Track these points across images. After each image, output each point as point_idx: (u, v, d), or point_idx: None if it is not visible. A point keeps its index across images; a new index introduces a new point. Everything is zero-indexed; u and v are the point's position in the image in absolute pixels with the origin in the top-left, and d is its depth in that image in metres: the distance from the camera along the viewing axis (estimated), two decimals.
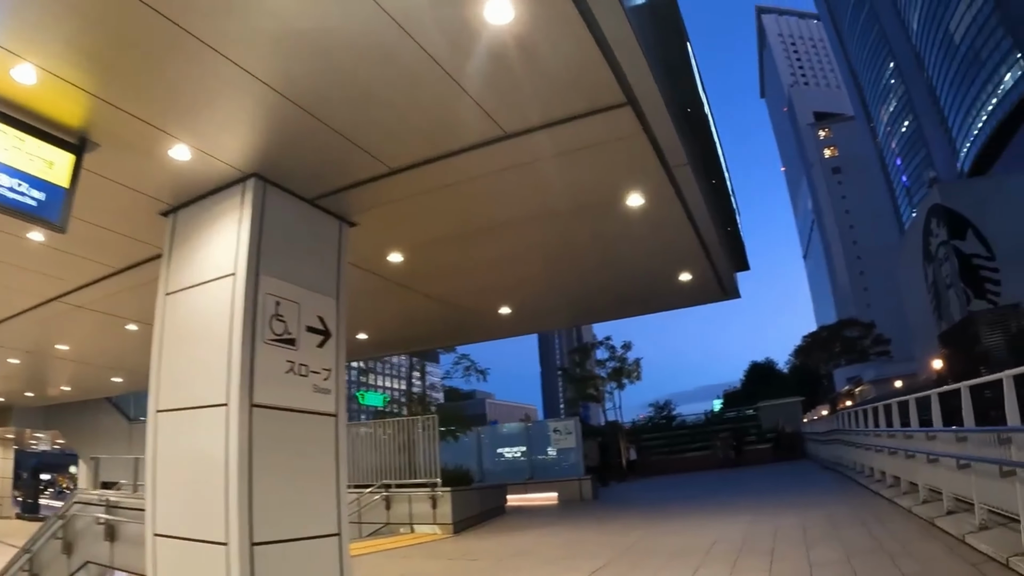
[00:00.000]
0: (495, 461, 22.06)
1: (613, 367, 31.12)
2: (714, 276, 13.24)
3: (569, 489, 19.90)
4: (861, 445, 15.74)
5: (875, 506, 11.35)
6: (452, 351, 21.56)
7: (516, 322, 15.69)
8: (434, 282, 12.32)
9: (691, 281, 13.29)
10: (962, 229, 42.33)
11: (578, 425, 20.92)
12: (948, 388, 9.75)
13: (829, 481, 17.77)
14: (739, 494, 17.47)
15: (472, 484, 16.69)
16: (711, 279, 13.42)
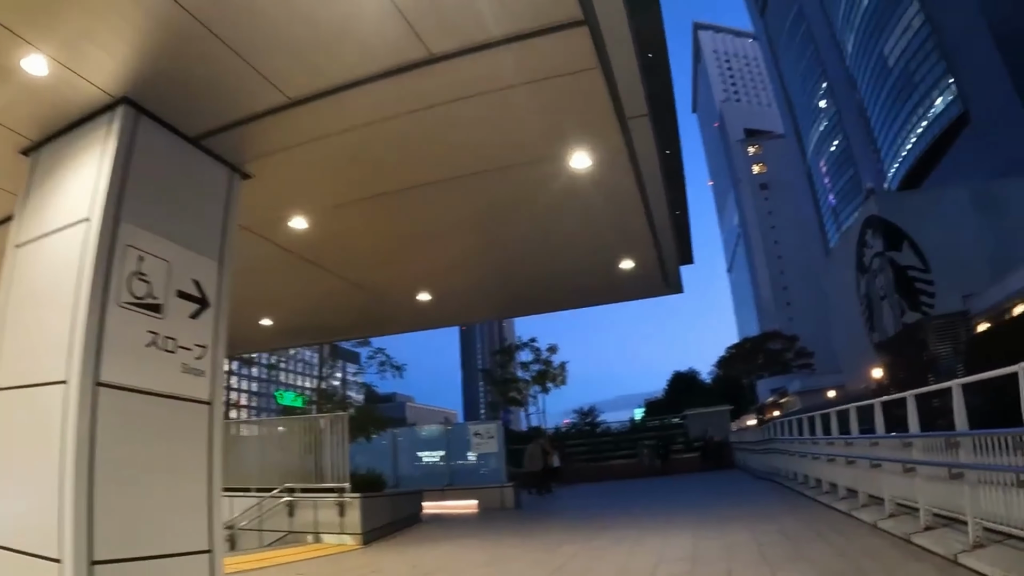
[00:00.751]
0: (412, 466, 20.29)
1: (538, 370, 29.77)
2: (659, 265, 11.50)
3: (490, 497, 18.34)
4: (803, 454, 14.74)
5: (829, 519, 10.25)
6: (367, 345, 19.85)
7: (438, 312, 13.85)
8: (344, 260, 10.61)
9: (633, 270, 11.65)
10: (898, 241, 42.30)
11: (501, 428, 19.31)
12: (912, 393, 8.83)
13: (767, 491, 16.67)
14: (674, 504, 16.13)
15: (385, 490, 15.05)
16: (655, 269, 11.70)
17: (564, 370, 29.68)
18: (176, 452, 5.95)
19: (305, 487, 13.72)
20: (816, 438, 13.19)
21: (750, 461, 25.98)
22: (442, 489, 18.82)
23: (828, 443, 12.12)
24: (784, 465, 17.62)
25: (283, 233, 8.83)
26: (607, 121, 6.84)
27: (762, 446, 22.58)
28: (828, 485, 12.47)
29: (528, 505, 18.84)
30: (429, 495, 18.38)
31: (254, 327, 13.42)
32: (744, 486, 19.95)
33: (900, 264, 41.79)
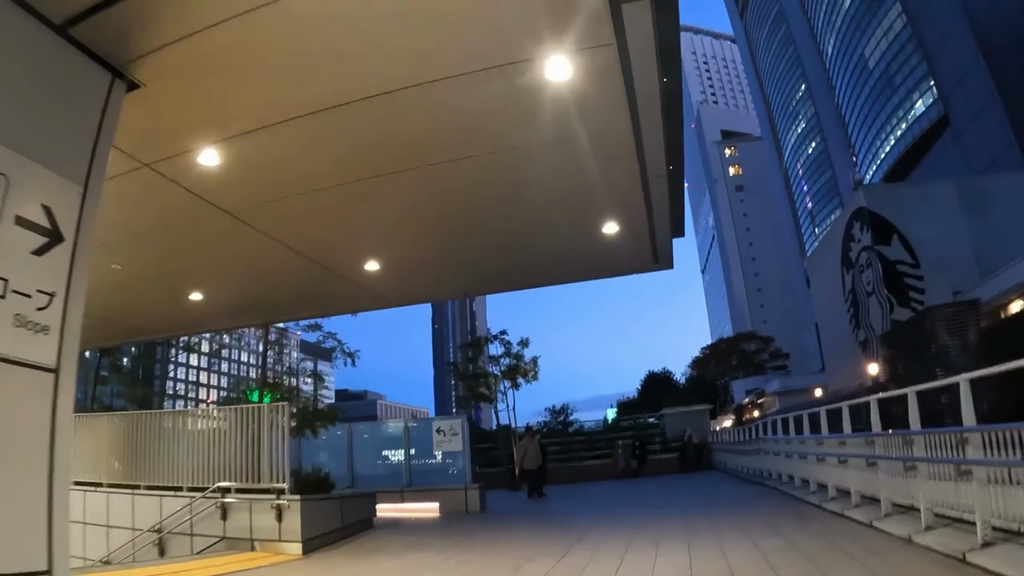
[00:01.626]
0: (370, 464, 18.51)
1: (508, 364, 27.95)
2: (648, 231, 9.67)
3: (453, 499, 16.53)
4: (802, 455, 13.12)
5: (847, 531, 8.68)
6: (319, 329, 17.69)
7: (393, 287, 11.81)
8: (271, 213, 8.60)
9: (619, 237, 9.79)
10: (887, 234, 41.03)
11: (466, 424, 17.38)
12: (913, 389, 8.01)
13: (757, 495, 15.03)
14: (656, 509, 14.46)
15: (333, 491, 13.22)
16: (643, 235, 9.85)
17: (536, 365, 27.70)
18: (2, 436, 4.22)
19: (240, 487, 11.94)
20: (820, 437, 11.59)
21: (732, 463, 24.56)
22: (400, 491, 17.01)
23: (839, 443, 10.50)
24: (774, 467, 16.14)
25: (191, 172, 6.99)
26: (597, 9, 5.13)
27: (746, 447, 21.14)
28: (833, 490, 10.89)
29: (496, 509, 17.11)
30: (386, 497, 16.62)
31: (183, 303, 11.55)
32: (730, 489, 18.44)
33: (889, 258, 40.55)
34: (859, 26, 72.83)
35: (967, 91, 55.14)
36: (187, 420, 13.09)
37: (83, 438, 14.52)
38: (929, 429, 7.38)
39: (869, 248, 42.80)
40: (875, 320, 42.62)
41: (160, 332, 15.32)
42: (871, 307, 43.45)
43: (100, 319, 13.19)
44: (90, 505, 13.72)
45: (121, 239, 8.74)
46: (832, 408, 11.12)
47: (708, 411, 35.84)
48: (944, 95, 58.99)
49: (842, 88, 79.60)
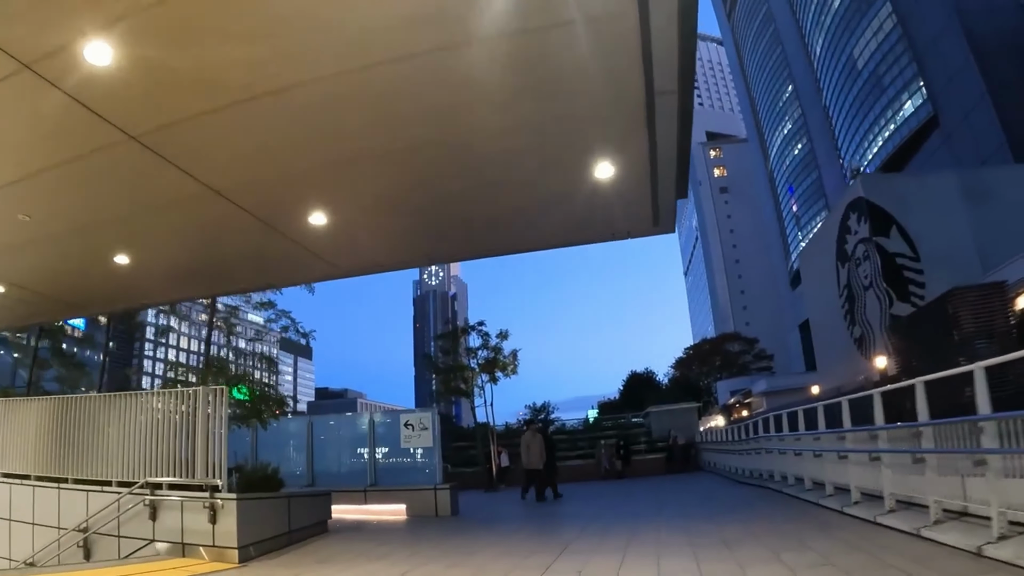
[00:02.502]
0: (332, 461, 16.78)
1: (486, 357, 26.19)
2: (648, 177, 7.74)
3: (422, 501, 14.80)
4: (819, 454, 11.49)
5: (889, 542, 7.16)
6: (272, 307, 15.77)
7: (343, 249, 9.52)
8: (190, 140, 6.64)
9: (613, 182, 7.72)
10: (886, 226, 39.85)
11: (436, 418, 15.60)
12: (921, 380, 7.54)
13: (761, 499, 13.38)
14: (650, 516, 12.80)
15: (282, 489, 11.55)
16: (643, 182, 7.87)
17: (515, 359, 26.06)
18: None
19: (173, 483, 10.32)
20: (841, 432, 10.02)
21: (723, 463, 23.17)
22: (364, 490, 15.35)
23: (870, 436, 8.97)
24: (777, 467, 14.67)
25: (78, 75, 5.36)
26: None
27: (740, 447, 19.67)
28: (859, 493, 9.35)
29: (469, 512, 15.49)
30: (349, 497, 15.02)
31: (110, 267, 9.79)
32: (726, 491, 16.94)
33: (888, 251, 39.37)
34: (848, 26, 72.25)
35: (957, 91, 54.42)
36: (117, 405, 11.36)
37: (11, 425, 12.94)
38: (1003, 413, 5.94)
39: (867, 240, 41.60)
40: (872, 315, 41.44)
41: (96, 307, 13.40)
42: (868, 302, 42.25)
43: (28, 291, 11.55)
44: (16, 500, 12.09)
45: (20, 179, 7.14)
46: (858, 398, 9.64)
47: (696, 409, 34.29)
48: (934, 95, 58.40)
49: (830, 89, 79.07)
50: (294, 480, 15.92)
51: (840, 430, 9.86)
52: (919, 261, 37.53)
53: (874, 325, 40.52)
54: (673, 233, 9.26)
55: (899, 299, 37.62)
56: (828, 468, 10.70)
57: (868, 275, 41.79)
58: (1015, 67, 50.25)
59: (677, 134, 7.05)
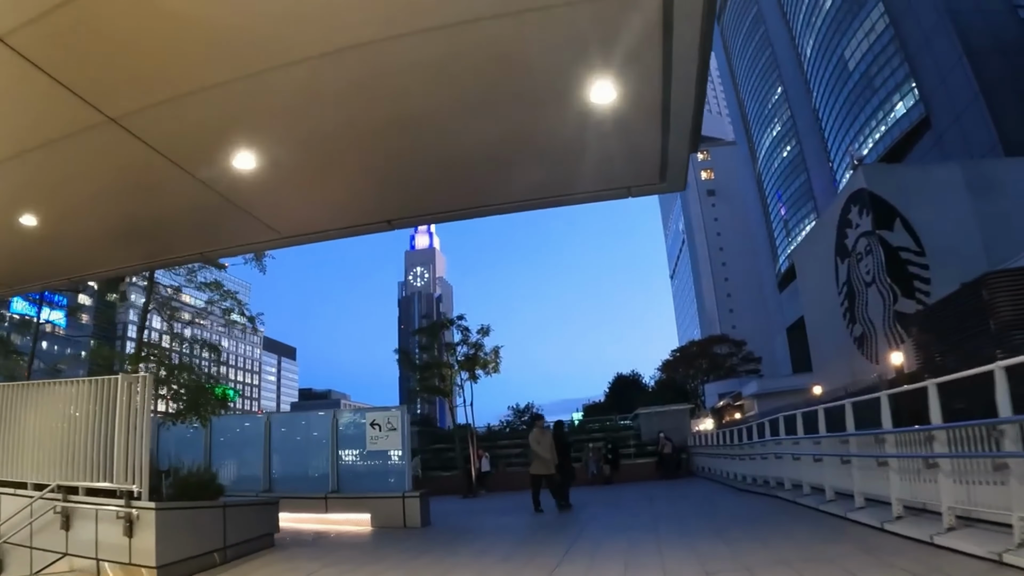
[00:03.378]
0: (292, 463, 15.00)
1: (466, 354, 24.52)
2: (659, 119, 6.06)
3: (388, 510, 13.11)
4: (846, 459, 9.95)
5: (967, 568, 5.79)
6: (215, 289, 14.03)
7: (281, 206, 7.46)
8: (73, 46, 4.93)
9: (614, 114, 5.91)
10: (889, 218, 38.32)
11: (406, 417, 13.81)
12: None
13: (771, 511, 11.72)
14: (648, 528, 11.16)
15: (221, 496, 9.92)
16: (652, 126, 6.18)
17: (497, 356, 24.47)
18: None
19: (91, 487, 8.76)
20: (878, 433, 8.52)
21: (719, 468, 21.76)
22: (325, 497, 13.71)
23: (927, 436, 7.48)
24: (788, 473, 13.25)
25: None
26: None
27: (740, 451, 18.21)
28: (900, 507, 7.88)
29: (442, 522, 13.89)
30: (308, 505, 13.45)
31: (16, 231, 8.09)
32: (728, 500, 15.30)
33: (892, 245, 37.87)
34: (839, 27, 71.73)
35: (950, 92, 53.76)
36: (35, 394, 9.76)
37: None
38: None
39: (870, 233, 40.04)
40: (875, 313, 39.91)
41: (9, 283, 11.31)
42: (870, 299, 40.70)
43: None
44: None
45: None
46: (903, 392, 8.21)
47: (688, 411, 32.65)
48: (926, 96, 57.78)
49: (820, 91, 78.49)
50: (249, 485, 14.35)
51: (878, 431, 8.37)
52: (924, 256, 36.16)
53: (876, 323, 39.10)
54: (683, 191, 7.78)
55: (904, 295, 36.24)
56: (858, 476, 9.23)
57: (870, 270, 40.28)
58: (1008, 67, 49.63)
59: (696, 68, 5.57)
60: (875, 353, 39.03)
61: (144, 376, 8.46)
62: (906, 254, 36.82)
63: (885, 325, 37.57)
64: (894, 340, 36.47)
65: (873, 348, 39.10)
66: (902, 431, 7.81)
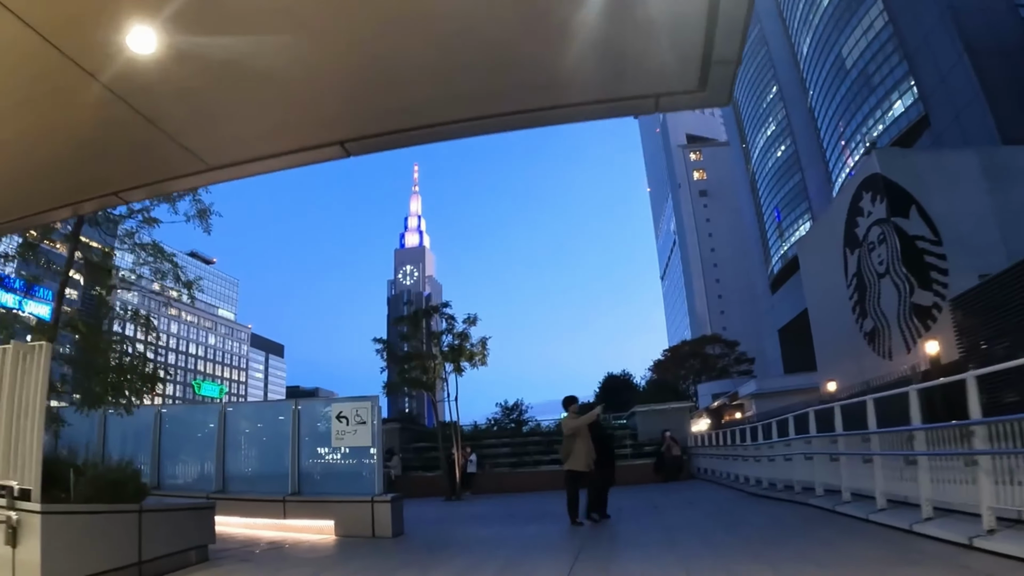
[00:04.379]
0: (248, 461, 13.12)
1: (450, 344, 22.75)
2: (706, 8, 4.36)
3: (355, 517, 11.28)
4: (913, 459, 8.27)
5: None
6: (155, 252, 11.86)
7: (200, 120, 5.52)
8: None
9: None
10: (904, 205, 36.33)
11: (377, 410, 12.01)
12: None
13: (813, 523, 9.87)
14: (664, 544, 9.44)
15: (144, 498, 8.16)
16: (696, 16, 4.49)
17: (484, 348, 22.74)
18: None
19: None
20: (967, 424, 6.89)
21: (725, 470, 20.34)
22: (283, 500, 12.02)
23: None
24: (820, 477, 11.73)
25: None
26: None
27: (757, 451, 16.58)
28: (993, 519, 6.27)
29: (417, 531, 12.20)
30: (265, 509, 11.80)
31: None
32: (747, 508, 13.41)
33: (908, 233, 35.95)
34: (837, 25, 71.08)
35: (949, 90, 53.02)
36: None
37: None
38: None
39: (884, 221, 38.09)
40: (888, 306, 37.93)
41: None
42: (883, 291, 38.66)
43: None
44: None
45: None
46: (985, 374, 6.70)
47: (687, 410, 31.00)
48: (925, 95, 57.07)
49: (816, 89, 77.83)
50: (201, 485, 12.72)
51: (967, 422, 6.73)
52: (941, 245, 34.44)
53: (890, 316, 37.26)
54: (727, 106, 6.21)
55: (920, 286, 34.46)
56: (924, 479, 7.66)
57: (884, 260, 38.34)
58: (1009, 67, 48.76)
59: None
60: (888, 348, 37.32)
61: (41, 346, 6.75)
62: (922, 243, 34.97)
63: (900, 318, 35.84)
64: (911, 334, 34.97)
65: (886, 343, 37.28)
66: (1000, 420, 6.23)
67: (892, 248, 37.27)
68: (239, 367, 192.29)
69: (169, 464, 13.30)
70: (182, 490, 12.49)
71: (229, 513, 11.29)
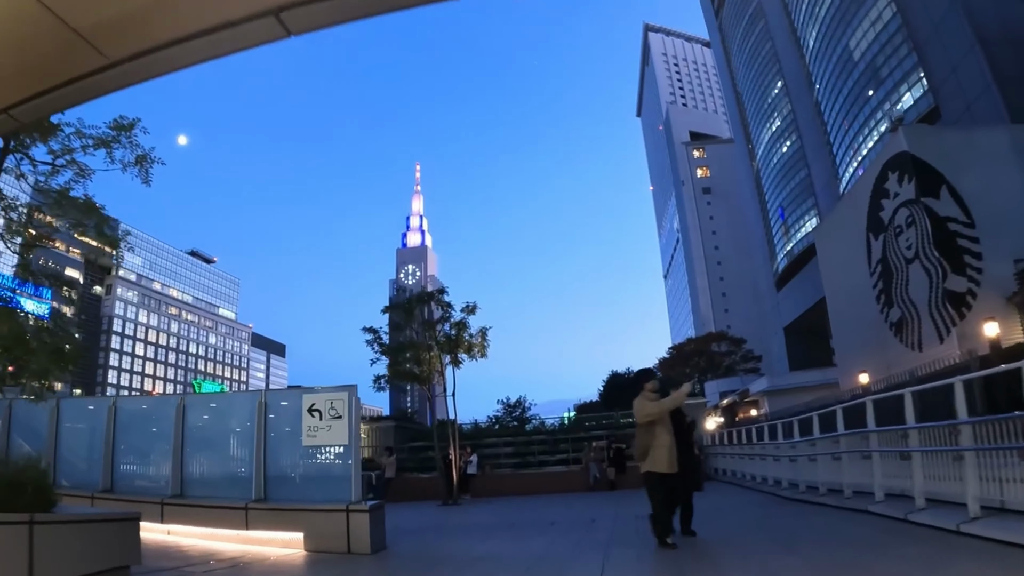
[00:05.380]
0: (208, 461, 11.22)
1: (447, 333, 21.10)
2: None
3: (328, 528, 9.81)
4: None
5: None
6: (79, 206, 9.82)
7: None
8: None
9: None
10: (935, 186, 34.05)
11: (355, 403, 10.29)
12: None
13: (903, 541, 8.27)
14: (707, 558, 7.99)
15: (54, 506, 6.55)
16: None
17: (485, 338, 21.17)
18: None
19: None
20: None
21: (748, 471, 19.21)
22: (245, 507, 10.38)
23: None
24: (883, 479, 10.22)
25: None
26: None
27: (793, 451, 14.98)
28: None
29: (402, 545, 10.67)
30: (224, 518, 10.20)
31: None
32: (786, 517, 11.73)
33: (939, 214, 33.70)
34: (844, 17, 70.01)
35: (960, 82, 51.81)
36: None
37: None
38: None
39: (913, 202, 35.75)
40: (918, 293, 35.56)
41: None
42: (912, 277, 36.22)
43: None
44: None
45: None
46: None
47: (704, 405, 29.28)
48: (935, 87, 55.93)
49: (823, 83, 76.73)
50: (156, 489, 11.22)
51: None
52: (974, 227, 32.49)
53: (919, 305, 35.16)
54: None
55: (954, 271, 32.55)
56: None
57: (912, 244, 35.99)
58: (1021, 56, 47.62)
59: None
60: (917, 339, 35.37)
61: None
62: (954, 225, 33.16)
63: (932, 306, 33.95)
64: (943, 322, 33.05)
65: (915, 333, 35.44)
66: None
67: (922, 230, 35.01)
68: (240, 366, 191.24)
69: (124, 464, 11.77)
70: (135, 494, 11.03)
71: (188, 521, 9.86)
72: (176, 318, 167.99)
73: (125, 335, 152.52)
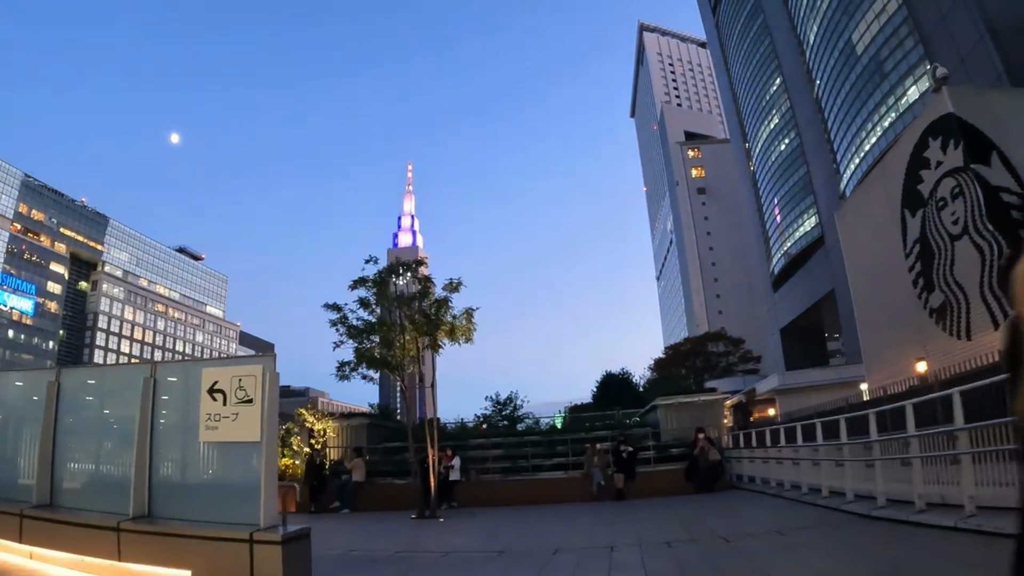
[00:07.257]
0: (83, 463, 8.12)
1: (424, 311, 17.82)
2: None
3: (222, 566, 6.35)
4: None
5: None
6: None
7: None
8: None
9: None
10: (985, 152, 29.45)
11: (271, 380, 6.89)
12: None
13: None
14: None
15: None
16: None
17: (471, 320, 18.02)
18: None
19: None
20: None
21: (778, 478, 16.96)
22: (117, 528, 6.97)
23: None
24: None
25: None
26: None
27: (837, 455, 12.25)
28: None
29: None
30: (88, 541, 7.13)
31: None
32: (871, 541, 8.85)
33: (992, 184, 29.22)
34: (847, 11, 68.42)
35: (969, 74, 49.52)
36: None
37: None
38: None
39: (960, 170, 31.10)
40: (966, 273, 30.94)
41: None
42: (959, 255, 31.54)
43: None
44: None
45: None
46: None
47: (723, 402, 25.82)
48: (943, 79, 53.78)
49: (823, 79, 75.00)
50: (19, 494, 8.21)
51: None
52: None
53: (968, 287, 30.63)
54: None
55: (1011, 246, 27.32)
56: None
57: (960, 218, 31.19)
58: None
59: None
60: (964, 326, 31.21)
61: None
62: (1008, 196, 28.76)
63: (984, 288, 29.46)
64: (999, 306, 28.47)
65: (961, 320, 31.17)
66: None
67: (972, 202, 30.57)
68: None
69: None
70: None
71: (56, 544, 6.90)
72: (163, 315, 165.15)
73: (111, 332, 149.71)
